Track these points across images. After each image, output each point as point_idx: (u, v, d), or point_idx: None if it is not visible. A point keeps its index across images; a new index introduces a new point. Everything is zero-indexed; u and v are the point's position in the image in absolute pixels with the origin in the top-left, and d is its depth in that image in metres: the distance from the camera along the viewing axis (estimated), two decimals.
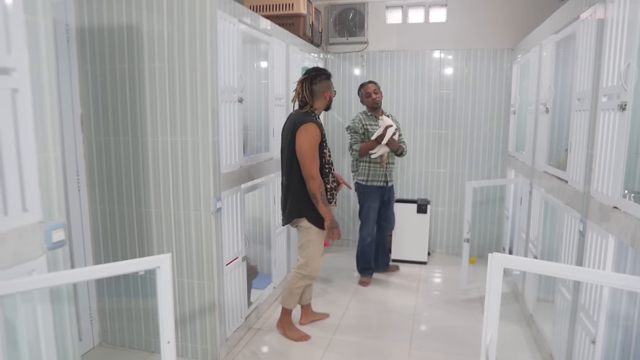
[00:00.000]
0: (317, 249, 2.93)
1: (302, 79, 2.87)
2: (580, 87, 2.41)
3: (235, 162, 2.84)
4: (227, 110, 2.70)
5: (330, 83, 2.92)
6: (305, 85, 2.85)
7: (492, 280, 1.60)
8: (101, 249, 2.80)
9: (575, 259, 2.39)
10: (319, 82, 2.86)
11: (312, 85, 2.85)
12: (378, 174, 3.92)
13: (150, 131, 2.58)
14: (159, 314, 1.53)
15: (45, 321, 1.47)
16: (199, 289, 2.65)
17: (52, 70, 1.47)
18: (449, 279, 4.16)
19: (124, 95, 2.61)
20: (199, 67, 2.45)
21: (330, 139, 5.00)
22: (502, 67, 4.52)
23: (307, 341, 3.00)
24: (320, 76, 2.87)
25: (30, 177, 1.40)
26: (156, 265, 1.48)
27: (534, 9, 4.33)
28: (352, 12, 4.73)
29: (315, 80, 2.85)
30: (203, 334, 2.70)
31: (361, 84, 3.96)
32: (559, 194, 2.70)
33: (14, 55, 1.34)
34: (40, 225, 1.44)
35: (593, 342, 2.02)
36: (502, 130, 4.59)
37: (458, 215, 4.81)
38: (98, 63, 2.62)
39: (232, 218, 2.84)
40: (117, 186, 2.70)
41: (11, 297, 1.35)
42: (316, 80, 2.85)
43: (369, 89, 3.85)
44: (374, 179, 3.92)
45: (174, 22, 2.45)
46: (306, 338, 3.02)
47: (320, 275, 4.21)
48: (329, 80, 2.92)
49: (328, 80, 2.91)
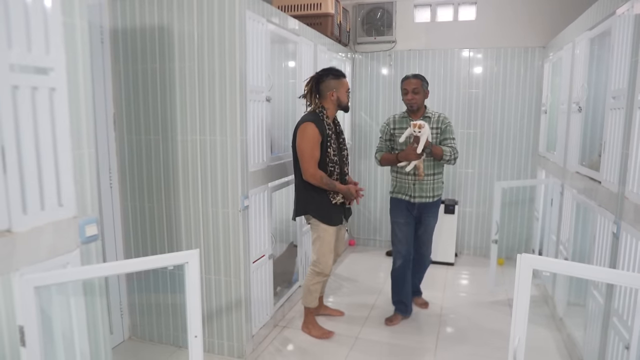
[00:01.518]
0: (327, 246, 2.93)
1: (310, 78, 2.89)
2: (616, 84, 2.33)
3: (262, 160, 2.87)
4: (255, 110, 2.73)
5: (337, 82, 2.85)
6: (312, 84, 2.86)
7: (521, 282, 1.57)
8: (132, 244, 2.87)
9: (608, 261, 2.31)
10: (324, 82, 2.85)
11: (319, 85, 2.85)
12: (404, 186, 3.17)
13: (180, 130, 2.64)
14: (186, 309, 1.57)
15: (78, 313, 1.52)
16: (226, 285, 2.69)
17: (87, 70, 1.52)
18: (476, 281, 4.10)
19: (155, 95, 2.67)
20: (228, 67, 2.49)
21: (355, 139, 4.99)
22: (533, 65, 4.42)
23: (331, 339, 3.01)
24: (327, 75, 2.85)
25: (66, 173, 1.46)
26: (184, 260, 1.51)
27: (566, 6, 4.22)
28: (380, 11, 4.71)
29: (322, 79, 2.85)
30: (229, 331, 2.73)
31: (403, 78, 3.16)
32: (591, 195, 2.62)
33: (52, 55, 1.39)
34: (74, 220, 1.49)
35: (627, 347, 1.96)
36: (532, 130, 4.49)
37: (486, 216, 4.73)
38: (130, 63, 2.69)
39: (259, 216, 2.87)
40: (147, 184, 2.77)
41: (47, 289, 1.40)
42: (322, 79, 2.85)
43: (406, 86, 3.07)
44: (399, 192, 3.21)
45: (203, 23, 2.50)
46: (328, 335, 3.03)
47: (346, 275, 4.21)
48: (338, 79, 2.86)
49: (337, 79, 2.85)
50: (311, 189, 2.84)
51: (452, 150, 3.03)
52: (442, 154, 2.99)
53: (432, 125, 3.06)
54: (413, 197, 3.14)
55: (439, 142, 3.09)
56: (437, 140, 3.09)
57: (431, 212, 3.21)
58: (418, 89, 3.04)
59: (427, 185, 3.11)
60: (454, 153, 3.03)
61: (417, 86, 3.04)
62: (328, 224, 2.90)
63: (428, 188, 3.12)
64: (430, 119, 3.09)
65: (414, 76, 3.08)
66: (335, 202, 2.87)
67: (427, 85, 3.11)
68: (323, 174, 2.79)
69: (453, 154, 3.03)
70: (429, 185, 3.11)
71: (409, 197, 3.15)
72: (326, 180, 2.79)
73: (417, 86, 3.04)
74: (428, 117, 3.10)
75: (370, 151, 4.97)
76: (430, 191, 3.13)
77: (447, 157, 2.99)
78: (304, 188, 2.88)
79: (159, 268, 1.49)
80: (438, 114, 3.14)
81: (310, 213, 2.92)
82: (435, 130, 3.09)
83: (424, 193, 3.12)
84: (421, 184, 3.09)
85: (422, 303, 3.54)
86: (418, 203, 3.14)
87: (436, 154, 2.99)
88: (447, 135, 3.09)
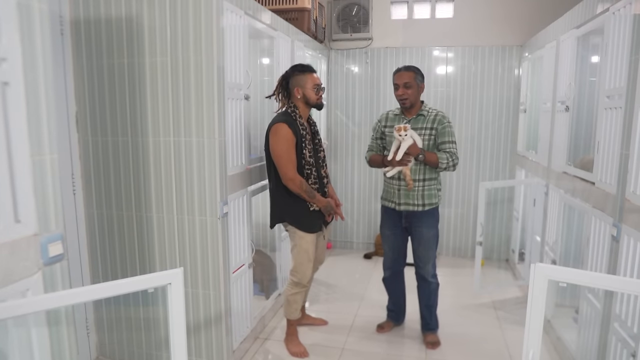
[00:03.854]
0: (305, 254, 2.73)
1: (280, 77, 2.73)
2: (611, 83, 2.27)
3: (241, 163, 2.67)
4: (233, 108, 2.53)
5: (303, 78, 2.64)
6: (281, 82, 2.70)
7: (535, 293, 1.47)
8: (98, 256, 2.62)
9: (606, 265, 2.25)
10: (291, 78, 2.68)
11: (288, 83, 2.69)
12: (389, 192, 2.88)
13: (151, 131, 2.40)
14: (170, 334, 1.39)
15: (41, 347, 1.29)
16: (204, 299, 2.48)
17: (47, 61, 1.29)
18: (458, 283, 4.02)
19: (123, 93, 2.42)
20: (204, 62, 2.27)
21: (331, 139, 4.84)
22: (511, 64, 4.39)
23: (316, 351, 2.84)
24: (293, 72, 2.68)
25: (23, 183, 1.23)
26: (167, 281, 1.33)
27: (544, 5, 4.21)
28: (355, 7, 4.57)
29: (289, 77, 2.68)
30: (209, 347, 2.53)
31: (394, 70, 2.85)
32: (583, 196, 2.56)
33: (4, 43, 1.16)
34: (35, 239, 1.26)
35: (633, 355, 1.88)
36: (510, 129, 4.46)
37: (465, 216, 4.68)
38: (94, 58, 2.43)
39: (239, 223, 2.68)
40: (115, 190, 2.52)
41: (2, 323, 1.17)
42: (289, 77, 2.68)
43: (397, 80, 2.76)
44: (386, 198, 2.94)
45: (177, 13, 2.28)
46: (303, 355, 2.81)
47: (324, 280, 4.06)
48: (304, 74, 2.65)
49: (302, 74, 2.65)
50: (287, 194, 2.65)
51: (450, 156, 2.68)
52: (437, 162, 2.67)
53: (425, 125, 2.75)
54: (398, 205, 2.82)
55: (435, 145, 2.76)
56: (432, 143, 2.75)
57: (423, 222, 2.81)
58: (410, 82, 2.71)
59: (415, 191, 2.77)
60: (452, 160, 2.68)
61: (409, 80, 2.71)
62: (306, 231, 2.71)
63: (416, 195, 2.77)
64: (424, 118, 2.76)
65: (405, 68, 2.76)
66: (312, 208, 2.69)
67: (421, 78, 2.78)
68: (303, 179, 2.61)
69: (451, 160, 2.68)
70: (417, 192, 2.77)
71: (394, 204, 2.84)
72: (306, 188, 2.60)
73: (409, 80, 2.71)
74: (422, 116, 2.77)
75: (346, 151, 4.83)
76: (418, 198, 2.77)
77: (443, 165, 2.67)
78: (280, 194, 2.69)
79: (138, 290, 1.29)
80: (435, 112, 2.77)
81: (287, 220, 2.74)
82: (430, 131, 2.74)
83: (410, 200, 2.78)
84: (407, 190, 2.77)
85: (429, 342, 2.94)
86: (405, 211, 2.83)
87: (430, 162, 2.68)
88: (445, 138, 2.72)
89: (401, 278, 3.11)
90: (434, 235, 2.87)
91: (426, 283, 2.95)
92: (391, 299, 3.17)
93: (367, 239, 4.95)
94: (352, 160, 4.84)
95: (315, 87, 2.66)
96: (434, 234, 2.87)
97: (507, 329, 3.15)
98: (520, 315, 3.35)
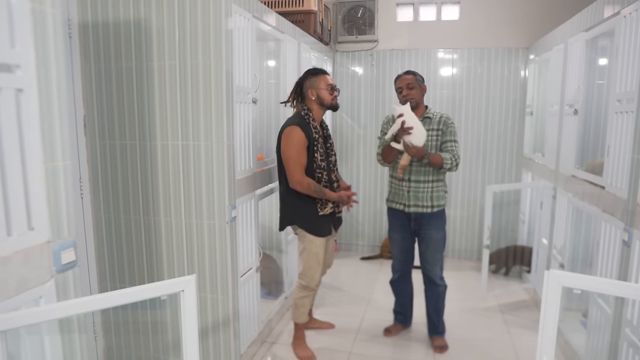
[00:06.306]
0: (314, 258, 2.72)
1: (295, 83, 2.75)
2: (622, 87, 2.25)
3: (249, 167, 2.66)
4: (241, 112, 2.52)
5: (315, 79, 2.66)
6: (296, 88, 2.72)
7: (548, 300, 1.45)
8: (106, 260, 2.61)
9: (617, 269, 2.23)
10: (305, 82, 2.70)
11: (302, 88, 2.71)
12: (398, 193, 2.88)
13: (159, 134, 2.40)
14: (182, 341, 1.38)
15: (54, 353, 1.29)
16: (213, 303, 2.47)
17: (61, 68, 1.29)
18: (464, 286, 4.00)
19: (131, 96, 2.42)
20: (213, 65, 2.27)
21: (337, 141, 4.83)
22: (517, 66, 4.37)
23: (324, 355, 2.83)
24: (307, 76, 2.70)
25: (37, 190, 1.22)
26: (180, 288, 1.32)
27: (552, 7, 4.19)
28: (361, 10, 4.56)
29: (303, 81, 2.70)
30: (217, 352, 2.52)
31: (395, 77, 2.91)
32: (593, 200, 2.54)
33: (18, 49, 1.16)
34: (48, 246, 1.26)
35: None
36: (516, 131, 4.44)
37: (471, 219, 4.66)
38: (103, 61, 2.43)
39: (247, 226, 2.67)
40: (123, 194, 2.51)
41: (15, 331, 1.17)
42: (303, 81, 2.70)
43: (400, 84, 2.81)
44: (393, 199, 2.93)
45: (185, 16, 2.27)
46: (311, 359, 2.80)
47: (330, 283, 4.04)
48: (316, 76, 2.68)
49: (314, 76, 2.68)
50: (297, 197, 2.64)
51: (453, 156, 2.72)
52: (442, 163, 2.68)
53: (432, 127, 2.78)
54: (407, 206, 2.82)
55: (439, 145, 2.81)
56: (437, 144, 2.80)
57: (432, 224, 2.84)
58: (412, 84, 2.77)
59: (424, 193, 2.79)
60: (454, 159, 2.72)
61: (410, 81, 2.77)
62: (316, 234, 2.70)
63: (425, 197, 2.80)
64: (431, 120, 2.80)
65: (405, 73, 2.83)
66: (323, 213, 2.68)
67: (422, 80, 2.84)
68: (311, 180, 2.60)
69: (454, 160, 2.72)
70: (426, 193, 2.80)
71: (403, 205, 2.84)
72: (315, 187, 2.59)
73: (410, 81, 2.77)
74: (429, 118, 2.80)
75: (351, 153, 4.82)
76: (427, 200, 2.80)
77: (447, 166, 2.69)
78: (290, 196, 2.68)
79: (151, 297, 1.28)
80: (440, 115, 2.83)
81: (297, 223, 2.73)
82: (436, 132, 2.79)
83: (419, 202, 2.80)
84: (416, 192, 2.79)
85: (437, 346, 2.94)
86: (414, 213, 2.83)
87: (435, 164, 2.68)
88: (447, 137, 2.77)
89: (409, 280, 3.11)
90: (442, 237, 2.90)
91: (434, 286, 2.96)
92: (398, 301, 3.17)
93: (373, 242, 4.94)
94: (357, 162, 4.83)
95: (328, 87, 2.67)
96: (442, 236, 2.89)
97: (515, 333, 3.14)
98: (528, 319, 3.33)
